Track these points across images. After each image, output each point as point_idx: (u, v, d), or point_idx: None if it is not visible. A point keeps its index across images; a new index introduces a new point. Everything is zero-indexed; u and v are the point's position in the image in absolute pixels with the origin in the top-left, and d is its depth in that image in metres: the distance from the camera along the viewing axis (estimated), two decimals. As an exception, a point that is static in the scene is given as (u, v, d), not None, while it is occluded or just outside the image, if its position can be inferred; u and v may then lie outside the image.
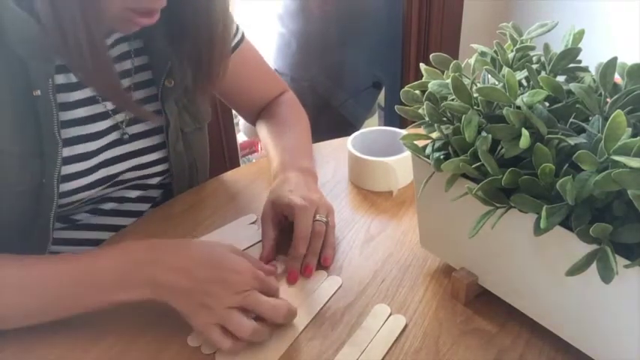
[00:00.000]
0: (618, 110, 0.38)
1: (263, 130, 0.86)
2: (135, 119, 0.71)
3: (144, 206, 0.78)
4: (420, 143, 0.54)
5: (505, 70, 0.49)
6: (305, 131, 0.84)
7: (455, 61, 0.52)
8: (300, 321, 0.56)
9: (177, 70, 0.70)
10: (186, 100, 0.75)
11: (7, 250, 0.56)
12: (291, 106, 0.89)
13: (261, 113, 0.89)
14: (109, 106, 0.68)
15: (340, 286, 0.61)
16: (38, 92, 0.57)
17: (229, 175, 0.84)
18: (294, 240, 0.63)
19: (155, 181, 0.76)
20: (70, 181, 0.64)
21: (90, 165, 0.66)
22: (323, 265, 0.64)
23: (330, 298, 0.59)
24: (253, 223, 0.72)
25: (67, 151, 0.63)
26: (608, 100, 0.44)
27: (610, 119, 0.38)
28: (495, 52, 0.54)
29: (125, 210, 0.76)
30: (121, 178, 0.71)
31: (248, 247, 0.68)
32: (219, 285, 0.52)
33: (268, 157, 0.80)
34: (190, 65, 0.70)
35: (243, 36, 0.82)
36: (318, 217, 0.65)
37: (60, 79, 0.62)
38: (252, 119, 0.91)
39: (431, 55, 0.53)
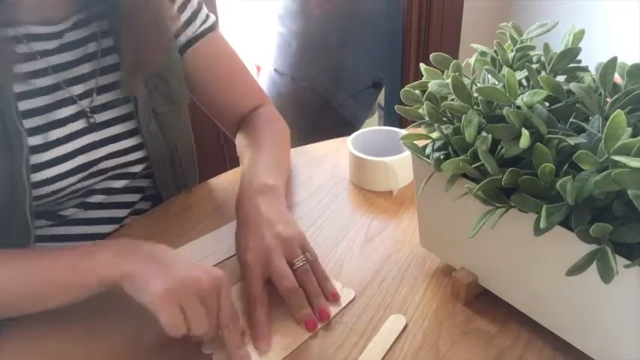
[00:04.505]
0: (618, 110, 0.38)
1: (240, 145, 0.82)
2: (103, 105, 0.69)
3: (133, 197, 0.77)
4: (420, 143, 0.54)
5: (505, 70, 0.49)
6: (279, 145, 0.78)
7: (455, 61, 0.52)
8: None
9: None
10: (157, 81, 0.73)
11: None
12: (269, 118, 0.83)
13: (240, 126, 0.85)
14: (74, 91, 0.67)
15: (353, 299, 0.59)
16: None
17: (229, 175, 0.84)
18: (284, 297, 0.57)
19: (138, 168, 0.75)
20: (42, 170, 0.64)
21: (61, 153, 0.65)
22: (333, 299, 0.58)
23: (340, 310, 0.58)
24: (253, 223, 0.72)
25: (33, 140, 0.63)
26: (608, 100, 0.44)
27: (610, 119, 0.38)
28: (495, 52, 0.54)
29: (114, 202, 0.75)
30: (100, 166, 0.70)
31: (248, 247, 0.67)
32: (190, 269, 0.52)
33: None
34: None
35: (214, 25, 0.80)
36: (296, 263, 0.58)
37: (20, 67, 0.62)
38: (232, 130, 0.87)
39: (431, 55, 0.53)
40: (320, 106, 1.62)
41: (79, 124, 0.67)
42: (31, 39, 0.63)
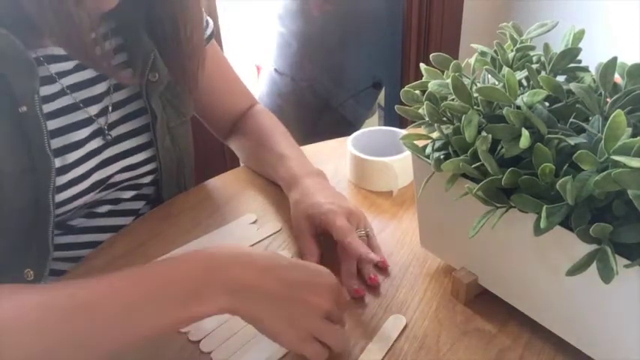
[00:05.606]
0: (618, 110, 0.38)
1: (247, 142, 0.83)
2: (118, 121, 0.70)
3: (139, 204, 0.78)
4: (420, 143, 0.54)
5: (505, 70, 0.49)
6: (292, 139, 0.81)
7: (455, 61, 0.52)
8: None
9: (159, 62, 0.69)
10: (169, 95, 0.74)
11: (6, 266, 0.56)
12: (269, 116, 0.85)
13: (235, 129, 0.86)
14: (92, 111, 0.66)
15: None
16: (24, 108, 0.57)
17: (229, 175, 0.84)
18: (350, 253, 0.61)
19: (148, 179, 0.76)
20: (65, 190, 0.64)
21: (82, 171, 0.65)
22: (371, 283, 0.61)
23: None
24: (253, 223, 0.72)
25: (58, 162, 0.62)
26: (608, 100, 0.44)
27: (610, 119, 0.38)
28: (495, 52, 0.54)
29: (121, 210, 0.76)
30: (112, 180, 0.70)
31: (248, 247, 0.68)
32: (307, 289, 0.48)
33: (267, 168, 0.77)
34: (171, 60, 0.69)
35: (213, 32, 0.81)
36: (358, 232, 0.63)
37: (40, 90, 0.60)
38: (224, 132, 0.88)
39: (431, 55, 0.53)
40: (320, 106, 1.62)
41: (96, 143, 0.67)
42: (50, 61, 0.62)
